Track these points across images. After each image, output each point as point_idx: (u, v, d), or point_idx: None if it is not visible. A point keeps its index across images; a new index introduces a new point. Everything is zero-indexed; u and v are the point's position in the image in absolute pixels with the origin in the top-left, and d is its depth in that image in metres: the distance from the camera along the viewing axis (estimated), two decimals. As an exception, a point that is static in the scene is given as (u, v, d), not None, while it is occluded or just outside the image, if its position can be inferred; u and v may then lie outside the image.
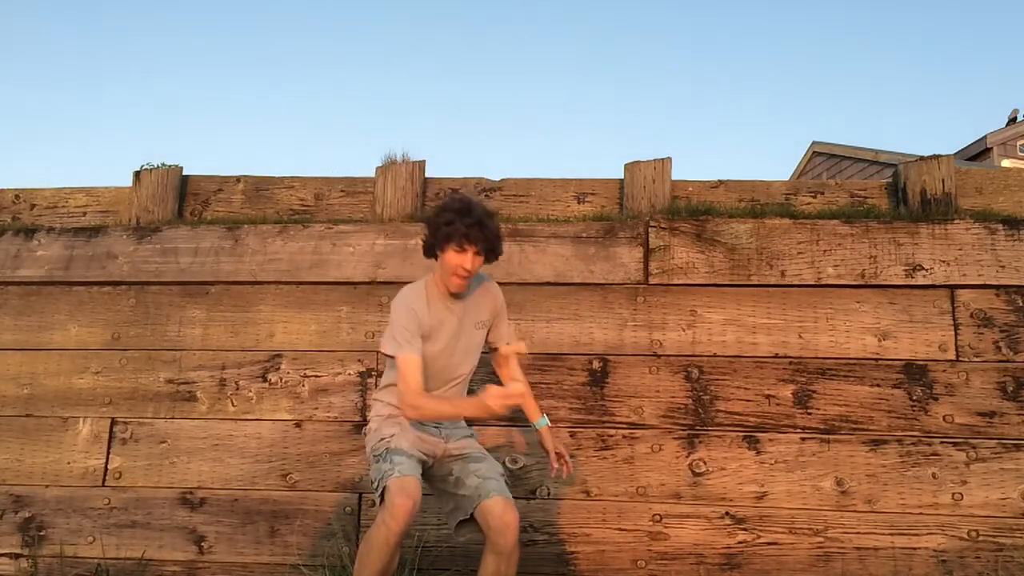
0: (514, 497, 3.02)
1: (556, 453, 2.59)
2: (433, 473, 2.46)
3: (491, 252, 2.42)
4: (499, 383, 2.53)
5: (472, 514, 2.35)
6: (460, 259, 2.37)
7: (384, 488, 2.21)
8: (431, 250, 2.47)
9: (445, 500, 2.48)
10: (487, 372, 3.12)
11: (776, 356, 3.13)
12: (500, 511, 2.29)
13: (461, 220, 2.35)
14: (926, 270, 3.14)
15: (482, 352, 2.59)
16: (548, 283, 3.28)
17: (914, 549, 2.91)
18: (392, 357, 2.41)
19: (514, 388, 2.28)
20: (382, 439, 2.37)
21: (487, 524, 2.30)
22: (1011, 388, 3.02)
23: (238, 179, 3.71)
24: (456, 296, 2.47)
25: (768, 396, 3.09)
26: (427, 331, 2.40)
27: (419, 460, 2.35)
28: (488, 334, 2.59)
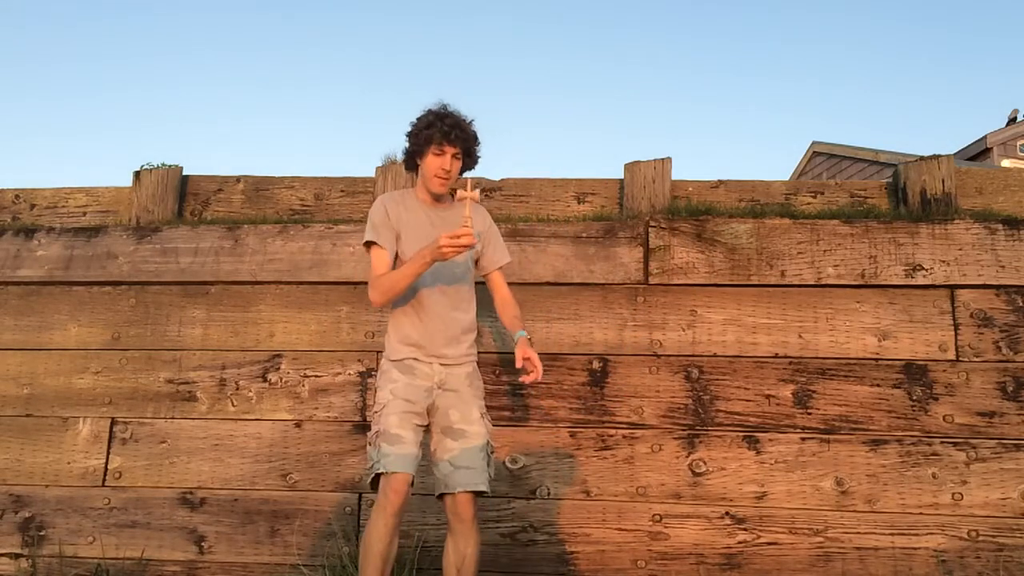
0: (514, 497, 3.05)
1: (525, 357, 2.45)
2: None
3: (468, 155, 2.51)
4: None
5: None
6: (440, 161, 2.46)
7: (377, 476, 2.31)
8: (412, 160, 2.52)
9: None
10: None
11: (776, 356, 3.13)
12: (463, 501, 2.36)
13: (441, 122, 2.43)
14: (926, 270, 3.14)
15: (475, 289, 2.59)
16: (548, 283, 3.28)
17: (914, 549, 2.91)
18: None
19: (462, 229, 2.24)
20: (376, 412, 2.39)
21: (446, 506, 2.40)
22: (1011, 388, 3.02)
23: (238, 179, 3.71)
24: (439, 204, 2.53)
25: (768, 396, 3.09)
26: (399, 228, 2.46)
27: (412, 430, 2.35)
28: (479, 260, 2.59)
